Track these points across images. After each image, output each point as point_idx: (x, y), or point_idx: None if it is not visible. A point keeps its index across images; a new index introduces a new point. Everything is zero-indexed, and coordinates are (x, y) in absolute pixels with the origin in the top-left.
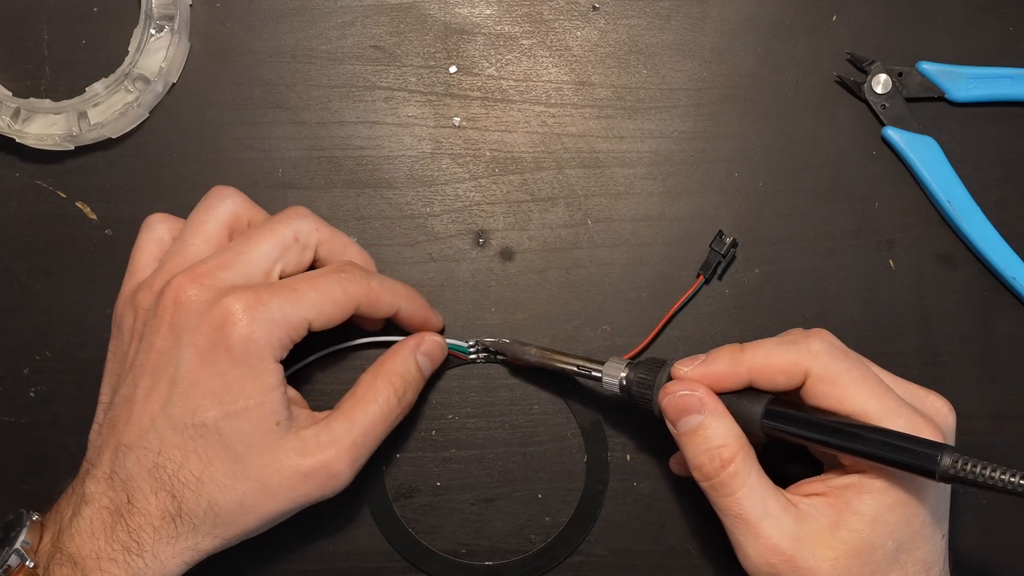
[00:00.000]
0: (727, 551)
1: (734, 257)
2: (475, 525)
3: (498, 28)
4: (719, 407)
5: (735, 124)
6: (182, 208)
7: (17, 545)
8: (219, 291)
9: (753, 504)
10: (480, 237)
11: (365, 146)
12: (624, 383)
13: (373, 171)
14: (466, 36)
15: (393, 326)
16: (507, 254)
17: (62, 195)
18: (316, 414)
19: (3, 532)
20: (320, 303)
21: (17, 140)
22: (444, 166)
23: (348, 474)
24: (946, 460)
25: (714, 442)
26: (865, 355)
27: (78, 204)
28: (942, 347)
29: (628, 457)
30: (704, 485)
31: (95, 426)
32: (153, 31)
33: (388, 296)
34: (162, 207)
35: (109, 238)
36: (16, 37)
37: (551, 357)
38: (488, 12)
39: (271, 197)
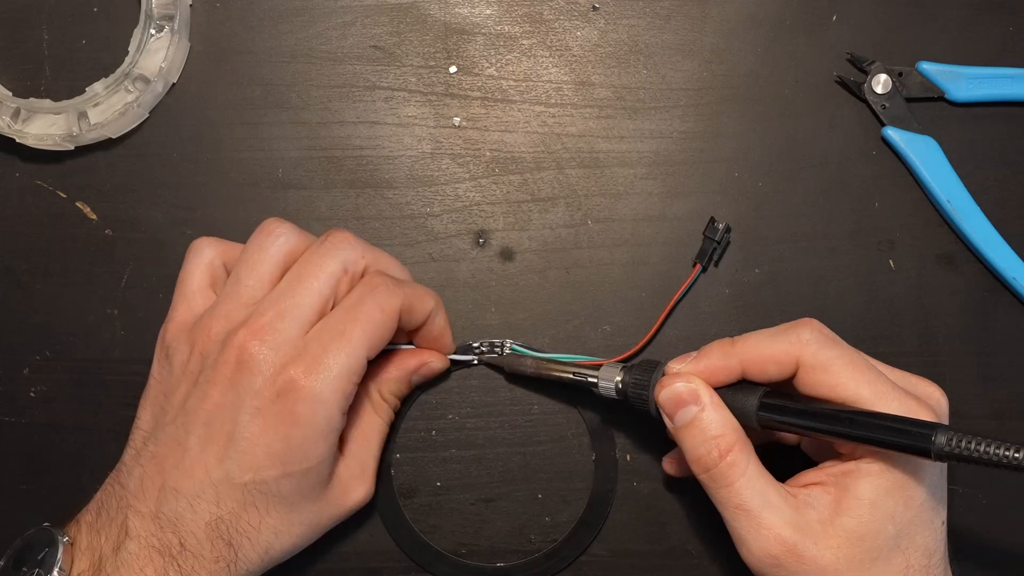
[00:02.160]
0: (727, 551)
1: (729, 243)
2: (475, 525)
3: (498, 28)
4: (715, 398)
5: (735, 124)
6: (183, 208)
7: (55, 572)
8: (282, 350)
9: (753, 494)
10: (480, 237)
11: (365, 146)
12: (620, 386)
13: (373, 171)
14: (466, 36)
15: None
16: (507, 254)
17: (62, 195)
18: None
19: (30, 550)
20: (370, 334)
21: (17, 140)
22: (444, 166)
23: (373, 491)
24: (940, 438)
25: (711, 432)
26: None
27: (78, 204)
28: (942, 347)
29: (628, 457)
30: (703, 478)
31: (131, 451)
32: (153, 31)
33: (421, 304)
34: (162, 207)
35: (109, 238)
36: (16, 37)
37: (547, 368)
38: (488, 12)
39: (271, 197)
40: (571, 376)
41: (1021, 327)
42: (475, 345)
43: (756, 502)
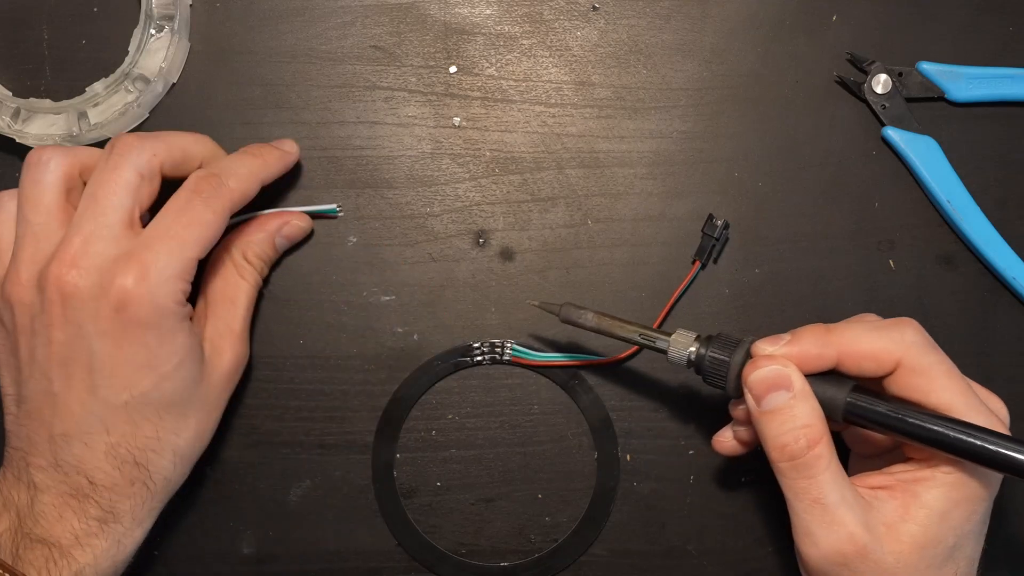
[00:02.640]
0: (727, 551)
1: (727, 239)
2: (475, 525)
3: (498, 28)
4: (807, 387)
5: (735, 124)
6: None
7: None
8: (102, 271)
9: (832, 489)
10: (480, 237)
11: (365, 146)
12: (694, 358)
13: (373, 171)
14: (466, 36)
15: None
16: (507, 254)
17: None
18: (196, 313)
19: None
20: (199, 237)
21: (17, 140)
22: (444, 166)
23: (248, 351)
24: None
25: (800, 421)
26: None
27: None
28: (942, 347)
29: (628, 457)
30: (783, 466)
31: (9, 416)
32: (153, 31)
33: (248, 185)
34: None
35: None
36: (16, 37)
37: (610, 324)
38: (488, 12)
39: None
40: (637, 338)
41: (1021, 327)
42: (475, 346)
43: (834, 497)
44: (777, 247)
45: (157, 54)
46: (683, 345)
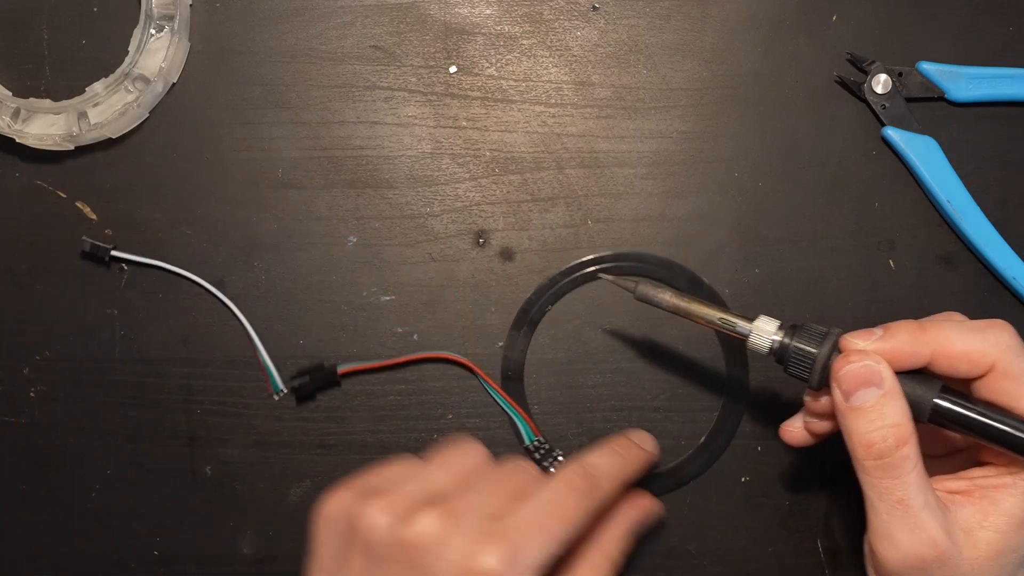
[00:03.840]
0: (727, 551)
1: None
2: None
3: (498, 28)
4: (898, 386)
5: (735, 124)
6: (183, 208)
7: None
8: (472, 538)
9: (917, 492)
10: (480, 237)
11: (365, 146)
12: (777, 346)
13: (373, 171)
14: (466, 36)
15: None
16: (507, 254)
17: (62, 195)
18: None
19: None
20: (567, 535)
21: (17, 140)
22: (444, 166)
23: None
24: None
25: (890, 420)
26: None
27: (78, 204)
28: None
29: None
30: (868, 464)
31: None
32: (153, 31)
33: (617, 490)
34: (162, 207)
35: (109, 238)
36: (16, 37)
37: (688, 306)
38: (488, 12)
39: (271, 197)
40: (716, 321)
41: (1021, 327)
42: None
43: (919, 500)
44: (777, 247)
45: (157, 54)
46: (767, 333)
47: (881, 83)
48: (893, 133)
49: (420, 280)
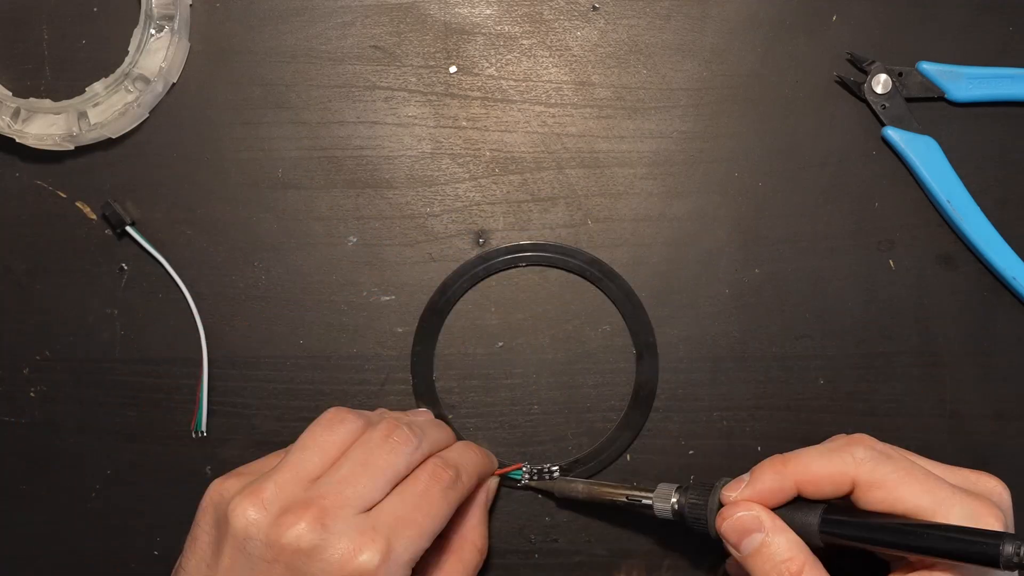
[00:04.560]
0: (726, 551)
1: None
2: None
3: (498, 28)
4: (778, 522)
5: (735, 124)
6: (183, 208)
7: None
8: (344, 540)
9: None
10: (480, 237)
11: (365, 146)
12: (676, 508)
13: (373, 171)
14: (466, 36)
15: None
16: None
17: (62, 195)
18: None
19: None
20: (434, 529)
21: (17, 140)
22: (444, 166)
23: None
24: (1008, 548)
25: (779, 557)
26: (865, 355)
27: (78, 204)
28: (942, 347)
29: (628, 457)
30: None
31: None
32: (153, 31)
33: (474, 484)
34: (162, 207)
35: (109, 238)
36: (16, 37)
37: (599, 491)
38: (488, 12)
39: (271, 197)
40: (624, 499)
41: (1021, 327)
42: (523, 471)
43: None
44: (777, 247)
45: (157, 54)
46: (665, 499)
47: (881, 83)
48: (893, 133)
49: (420, 280)
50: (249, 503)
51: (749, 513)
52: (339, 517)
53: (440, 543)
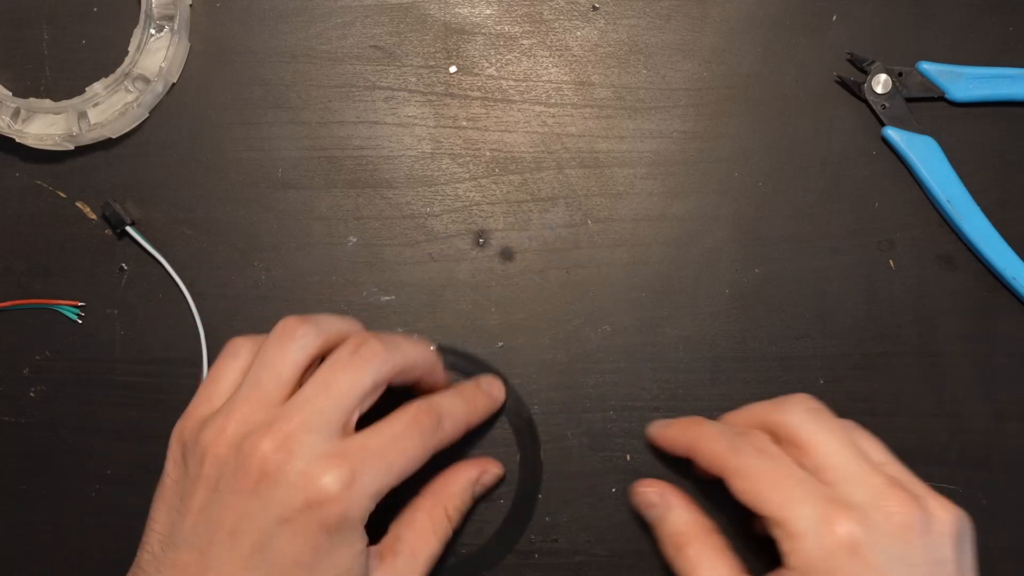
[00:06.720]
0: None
1: None
2: (475, 525)
3: (498, 28)
4: (674, 499)
5: (735, 124)
6: (183, 208)
7: None
8: (308, 462)
9: None
10: (480, 237)
11: (365, 146)
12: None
13: (373, 171)
14: (466, 36)
15: None
16: (507, 254)
17: (62, 195)
18: (379, 550)
19: None
20: (405, 467)
21: (17, 140)
22: (444, 166)
23: None
24: None
25: (671, 531)
26: (865, 355)
27: (78, 204)
28: (942, 347)
29: (628, 457)
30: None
31: (147, 555)
32: (153, 31)
33: (460, 432)
34: (162, 207)
35: (109, 238)
36: (16, 37)
37: None
38: (488, 12)
39: (271, 197)
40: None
41: (1021, 327)
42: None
43: None
44: (777, 247)
45: (157, 54)
46: None
47: (881, 83)
48: (893, 133)
49: (420, 280)
50: (213, 435)
51: (651, 490)
52: (303, 442)
53: (415, 500)
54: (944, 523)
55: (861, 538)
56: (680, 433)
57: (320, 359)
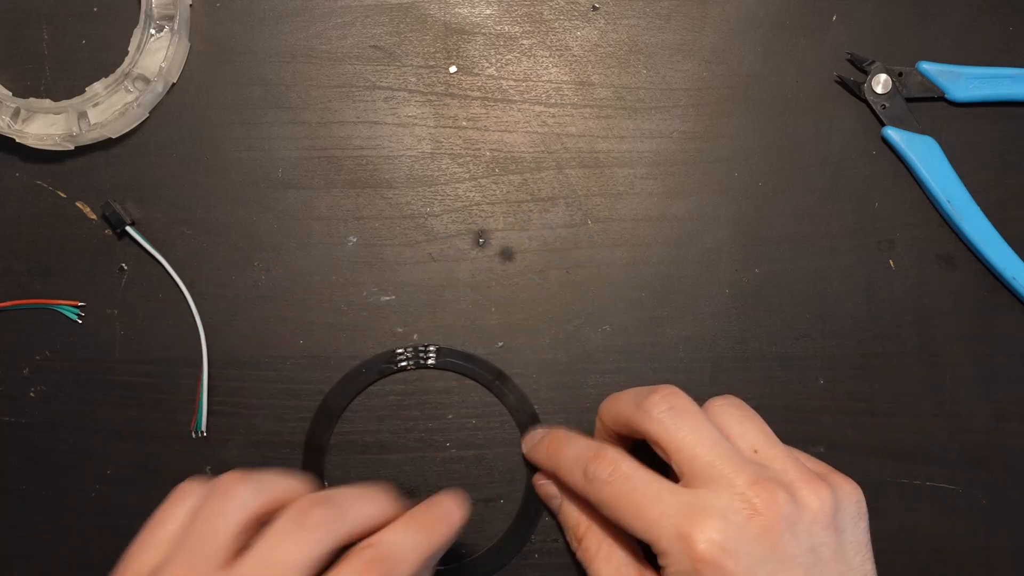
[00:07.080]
0: None
1: None
2: (475, 525)
3: (498, 28)
4: (568, 496)
5: (735, 124)
6: (183, 208)
7: None
8: None
9: (609, 572)
10: (480, 237)
11: (365, 146)
12: None
13: (373, 171)
14: (466, 36)
15: None
16: (507, 254)
17: (62, 195)
18: None
19: None
20: None
21: (17, 140)
22: (444, 166)
23: None
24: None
25: (568, 522)
26: (865, 355)
27: (78, 204)
28: (942, 347)
29: None
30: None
31: None
32: (153, 31)
33: (416, 572)
34: (162, 207)
35: (109, 238)
36: (16, 37)
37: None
38: (488, 12)
39: (271, 197)
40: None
41: (1021, 327)
42: (399, 352)
43: None
44: (777, 247)
45: (157, 54)
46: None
47: (881, 83)
48: (893, 133)
49: (420, 280)
50: None
51: (549, 481)
52: None
53: None
54: (814, 511)
55: (722, 548)
56: (545, 459)
57: (264, 519)
